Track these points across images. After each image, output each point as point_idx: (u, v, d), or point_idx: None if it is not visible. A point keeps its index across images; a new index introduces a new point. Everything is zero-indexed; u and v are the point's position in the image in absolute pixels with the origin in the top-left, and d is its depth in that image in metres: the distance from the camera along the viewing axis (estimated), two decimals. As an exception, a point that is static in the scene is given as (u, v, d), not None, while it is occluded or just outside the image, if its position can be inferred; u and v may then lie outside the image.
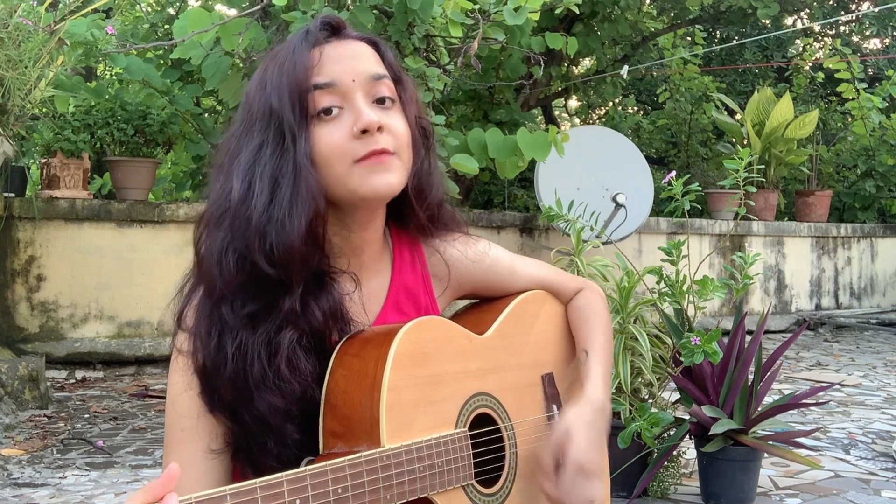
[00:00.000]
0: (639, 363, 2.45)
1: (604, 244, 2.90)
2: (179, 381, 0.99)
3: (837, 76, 7.71)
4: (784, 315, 7.07)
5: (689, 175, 3.99)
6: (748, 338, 2.57)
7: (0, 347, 4.15)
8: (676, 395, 2.59)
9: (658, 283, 2.55)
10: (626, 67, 6.17)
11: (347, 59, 1.01)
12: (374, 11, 3.37)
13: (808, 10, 8.47)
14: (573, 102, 9.84)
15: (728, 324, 3.73)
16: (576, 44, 4.19)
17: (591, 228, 2.84)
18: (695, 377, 2.47)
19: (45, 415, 3.56)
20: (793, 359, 5.47)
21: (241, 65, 3.55)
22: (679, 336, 2.43)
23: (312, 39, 1.02)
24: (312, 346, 0.99)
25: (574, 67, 8.10)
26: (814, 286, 7.35)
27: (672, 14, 7.90)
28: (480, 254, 1.21)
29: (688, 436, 2.49)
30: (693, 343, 2.32)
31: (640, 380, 2.52)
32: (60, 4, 3.85)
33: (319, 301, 0.99)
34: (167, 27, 6.02)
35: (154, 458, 2.99)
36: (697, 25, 8.51)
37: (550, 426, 1.15)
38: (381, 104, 1.02)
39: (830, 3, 8.45)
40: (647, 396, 2.58)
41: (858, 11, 9.22)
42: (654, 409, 2.39)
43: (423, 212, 1.12)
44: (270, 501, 0.80)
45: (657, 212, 6.95)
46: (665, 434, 2.51)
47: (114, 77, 6.60)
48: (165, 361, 4.64)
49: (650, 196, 5.89)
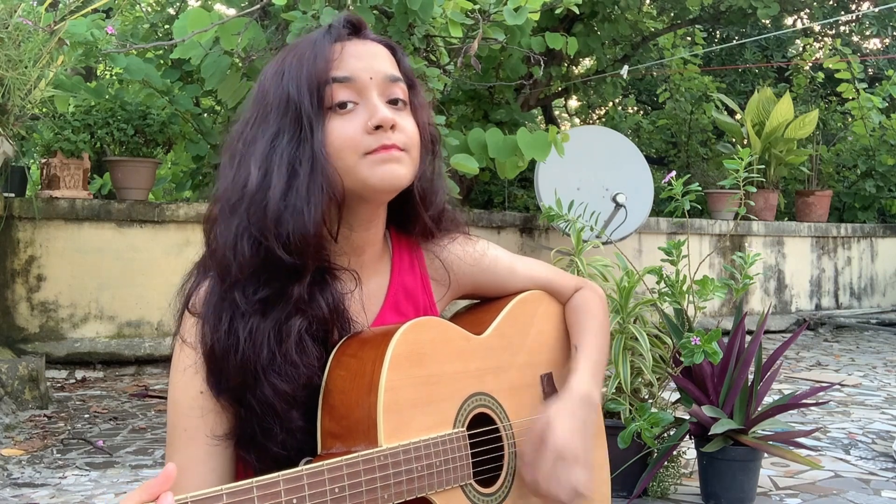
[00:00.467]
0: (639, 363, 2.45)
1: (604, 244, 2.89)
2: (181, 381, 1.00)
3: (837, 76, 7.70)
4: (784, 315, 7.06)
5: (689, 175, 3.98)
6: (748, 338, 2.56)
7: (0, 347, 4.15)
8: (676, 395, 2.59)
9: (658, 283, 2.54)
10: (626, 67, 6.16)
11: (367, 58, 1.03)
12: (375, 11, 3.36)
13: (808, 10, 8.46)
14: (573, 102, 9.83)
15: (728, 324, 3.73)
16: (576, 44, 4.18)
17: (591, 228, 2.83)
18: (695, 377, 2.47)
19: (45, 415, 3.56)
20: (793, 359, 5.47)
21: (241, 64, 3.55)
22: (679, 336, 2.42)
23: (335, 34, 1.04)
24: (319, 336, 1.00)
25: (574, 67, 8.09)
26: (814, 286, 7.34)
27: (672, 14, 7.89)
28: (479, 254, 1.22)
29: (688, 436, 2.49)
30: (693, 343, 2.32)
31: (640, 380, 2.52)
32: (60, 4, 3.85)
33: (324, 294, 1.01)
34: (167, 27, 6.02)
35: (154, 458, 2.98)
36: (697, 25, 8.50)
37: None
38: (395, 105, 1.03)
39: (830, 3, 8.44)
40: (647, 396, 2.57)
41: (858, 11, 9.21)
42: (654, 409, 2.39)
43: (427, 215, 1.13)
44: (267, 501, 0.80)
45: (657, 212, 6.95)
46: (665, 434, 2.51)
47: (114, 77, 6.60)
48: (165, 361, 4.64)
49: (650, 196, 5.89)
